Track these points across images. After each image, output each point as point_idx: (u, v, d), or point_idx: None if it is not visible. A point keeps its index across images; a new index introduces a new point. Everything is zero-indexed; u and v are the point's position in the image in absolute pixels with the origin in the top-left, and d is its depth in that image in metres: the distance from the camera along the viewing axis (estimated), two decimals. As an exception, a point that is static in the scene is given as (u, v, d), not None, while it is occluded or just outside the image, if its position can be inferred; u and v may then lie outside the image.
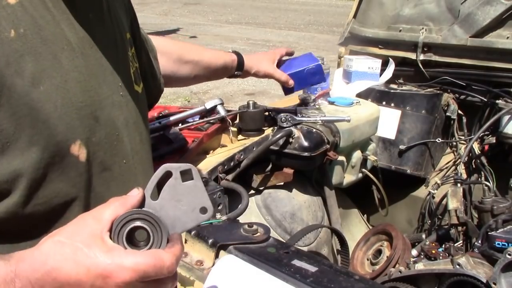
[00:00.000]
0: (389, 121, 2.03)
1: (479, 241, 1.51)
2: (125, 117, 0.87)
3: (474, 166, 2.00)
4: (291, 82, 1.75)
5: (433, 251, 1.60)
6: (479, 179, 1.92)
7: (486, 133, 1.95)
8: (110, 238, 0.63)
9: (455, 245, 1.66)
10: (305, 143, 1.58)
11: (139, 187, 0.68)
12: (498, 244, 1.36)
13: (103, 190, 0.81)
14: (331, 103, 1.85)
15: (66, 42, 0.76)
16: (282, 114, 1.63)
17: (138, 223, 0.64)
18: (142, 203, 0.66)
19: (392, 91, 2.10)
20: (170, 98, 5.88)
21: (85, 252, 0.61)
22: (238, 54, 1.67)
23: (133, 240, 0.64)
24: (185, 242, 1.07)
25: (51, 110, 0.71)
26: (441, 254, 1.57)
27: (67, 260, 0.61)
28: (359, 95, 2.00)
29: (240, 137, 1.71)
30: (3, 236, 0.72)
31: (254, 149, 1.61)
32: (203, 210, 0.67)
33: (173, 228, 0.66)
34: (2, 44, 0.67)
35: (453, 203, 1.76)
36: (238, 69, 1.67)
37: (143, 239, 0.65)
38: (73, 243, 0.62)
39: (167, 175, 0.66)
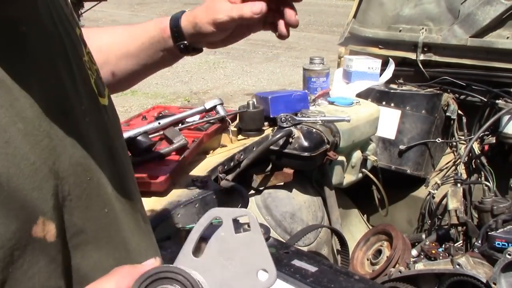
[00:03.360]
0: (389, 121, 2.03)
1: (479, 241, 1.52)
2: (96, 147, 0.61)
3: (474, 166, 2.01)
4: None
5: (433, 251, 1.60)
6: (479, 179, 1.92)
7: (486, 133, 1.95)
8: None
9: (455, 245, 1.66)
10: (305, 143, 1.58)
11: (156, 256, 0.51)
12: (498, 244, 1.36)
13: (84, 262, 0.56)
14: (331, 103, 1.85)
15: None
16: (282, 114, 1.63)
17: (165, 286, 0.45)
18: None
19: (392, 91, 2.10)
20: (170, 98, 5.88)
21: None
22: (173, 18, 0.97)
23: None
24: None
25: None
26: (441, 254, 1.57)
27: None
28: (359, 95, 2.00)
29: (240, 137, 1.71)
30: None
31: (254, 149, 1.61)
32: (262, 274, 0.50)
33: None
34: None
35: (453, 203, 1.76)
36: (177, 38, 0.96)
37: None
38: None
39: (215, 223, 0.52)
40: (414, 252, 1.68)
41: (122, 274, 0.48)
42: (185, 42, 0.96)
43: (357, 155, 1.84)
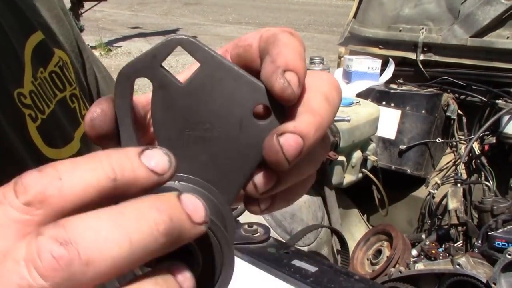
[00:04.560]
0: (389, 121, 2.03)
1: (479, 241, 1.52)
2: None
3: (474, 166, 2.01)
4: None
5: (433, 251, 1.60)
6: (479, 179, 1.92)
7: (486, 133, 1.95)
8: None
9: (455, 245, 1.66)
10: (305, 143, 1.58)
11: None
12: (498, 244, 1.36)
13: None
14: (331, 103, 1.85)
15: None
16: (282, 114, 1.63)
17: None
18: None
19: (392, 91, 2.10)
20: (170, 98, 5.88)
21: None
22: None
23: None
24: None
25: None
26: (441, 254, 1.57)
27: None
28: (359, 95, 2.00)
29: (240, 137, 1.71)
30: None
31: (254, 149, 1.61)
32: (260, 112, 0.29)
33: None
34: None
35: (453, 203, 1.76)
36: None
37: None
38: None
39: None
40: (414, 252, 1.68)
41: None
42: None
43: (357, 155, 1.84)
